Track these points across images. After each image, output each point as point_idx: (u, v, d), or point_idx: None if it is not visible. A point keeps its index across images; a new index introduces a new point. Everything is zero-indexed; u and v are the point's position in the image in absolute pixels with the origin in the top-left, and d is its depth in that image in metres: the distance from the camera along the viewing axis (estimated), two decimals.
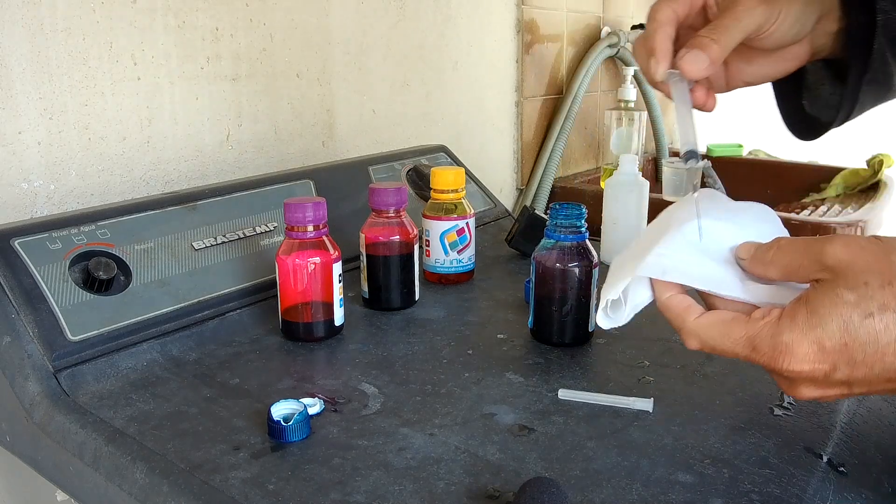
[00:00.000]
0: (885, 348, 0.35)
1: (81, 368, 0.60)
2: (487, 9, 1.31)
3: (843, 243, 0.37)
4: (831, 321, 0.36)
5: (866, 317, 0.35)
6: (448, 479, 0.46)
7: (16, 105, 0.73)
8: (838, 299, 0.36)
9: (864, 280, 0.36)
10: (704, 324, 0.41)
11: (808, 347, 0.37)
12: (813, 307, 0.37)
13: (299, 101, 1.01)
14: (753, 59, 0.53)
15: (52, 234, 0.64)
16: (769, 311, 0.39)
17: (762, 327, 0.39)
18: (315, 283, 0.67)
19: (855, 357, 0.36)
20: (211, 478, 0.47)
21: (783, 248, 0.40)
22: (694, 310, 0.42)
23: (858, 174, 1.60)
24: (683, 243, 0.44)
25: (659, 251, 0.44)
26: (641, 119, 1.44)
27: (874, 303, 0.35)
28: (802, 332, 0.37)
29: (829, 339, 0.36)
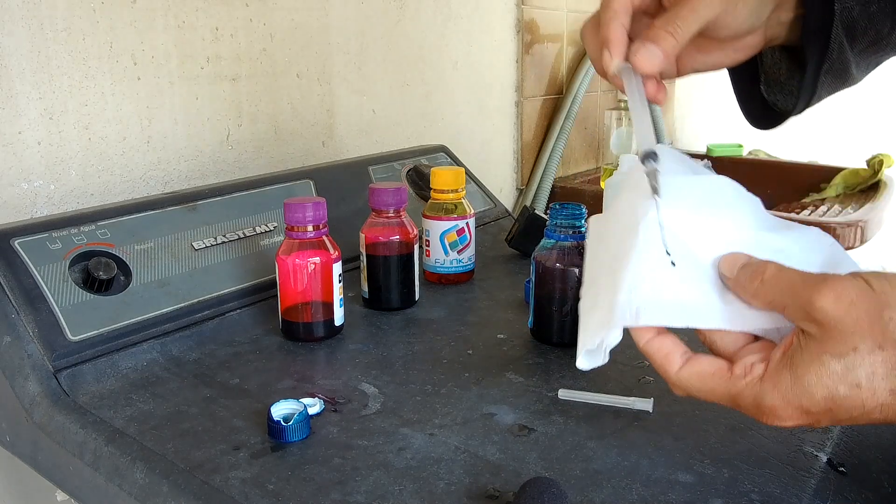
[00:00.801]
0: (872, 411, 0.34)
1: (81, 368, 0.60)
2: (487, 9, 1.31)
3: (835, 297, 0.34)
4: (816, 391, 0.34)
5: (853, 387, 0.34)
6: (448, 479, 0.46)
7: (16, 105, 0.73)
8: (824, 370, 0.34)
9: (854, 345, 0.34)
10: (685, 377, 0.39)
11: (792, 411, 0.36)
12: (797, 374, 0.35)
13: (299, 101, 1.01)
14: (706, 48, 0.50)
15: (52, 234, 0.64)
16: (750, 370, 0.37)
17: (744, 388, 0.37)
18: (315, 283, 0.67)
19: (839, 418, 0.35)
20: (211, 478, 0.47)
21: (768, 283, 0.37)
22: (674, 358, 0.39)
23: (858, 174, 1.60)
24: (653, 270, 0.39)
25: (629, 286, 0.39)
26: None
27: (862, 371, 0.34)
28: (786, 399, 0.35)
29: (813, 406, 0.35)
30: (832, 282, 0.34)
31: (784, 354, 0.36)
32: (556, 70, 1.51)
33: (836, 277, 0.35)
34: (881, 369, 0.33)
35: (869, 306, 0.33)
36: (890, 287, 0.34)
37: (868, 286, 0.34)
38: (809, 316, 0.35)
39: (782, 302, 0.36)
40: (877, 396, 0.34)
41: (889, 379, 0.33)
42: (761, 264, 0.38)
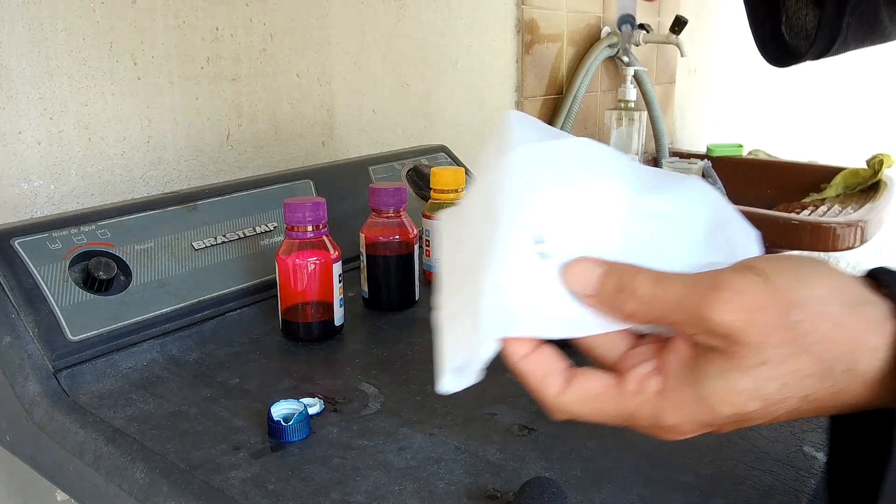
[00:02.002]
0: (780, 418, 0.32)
1: (81, 368, 0.60)
2: (487, 9, 1.31)
3: (733, 306, 0.29)
4: (723, 409, 0.31)
5: (763, 400, 0.30)
6: (448, 479, 0.46)
7: (16, 105, 0.73)
8: (732, 387, 0.30)
9: (763, 359, 0.30)
10: (568, 401, 0.33)
11: (695, 427, 0.32)
12: (701, 394, 0.31)
13: (299, 101, 1.01)
14: None
15: (52, 234, 0.64)
16: (644, 385, 0.32)
17: (639, 406, 0.32)
18: (315, 283, 0.67)
19: (746, 426, 0.32)
20: (211, 478, 0.47)
21: (647, 301, 0.31)
22: (553, 381, 0.34)
23: (858, 174, 1.60)
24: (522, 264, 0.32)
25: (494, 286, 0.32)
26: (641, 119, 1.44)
27: (772, 385, 0.30)
28: (688, 417, 0.32)
29: (719, 420, 0.31)
30: (725, 286, 0.30)
31: (683, 367, 0.32)
32: (556, 70, 1.51)
33: (729, 279, 0.30)
34: (793, 379, 0.30)
35: (774, 309, 0.29)
36: (792, 279, 0.30)
37: (767, 283, 0.30)
38: (706, 328, 0.30)
39: (670, 319, 0.31)
40: (787, 405, 0.31)
41: (800, 388, 0.30)
42: (627, 276, 0.32)
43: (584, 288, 0.32)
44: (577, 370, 0.34)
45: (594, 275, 0.32)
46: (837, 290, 0.31)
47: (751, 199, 1.50)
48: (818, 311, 0.30)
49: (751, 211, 1.27)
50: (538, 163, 0.33)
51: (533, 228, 0.32)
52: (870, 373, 0.30)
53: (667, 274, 0.31)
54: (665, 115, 1.79)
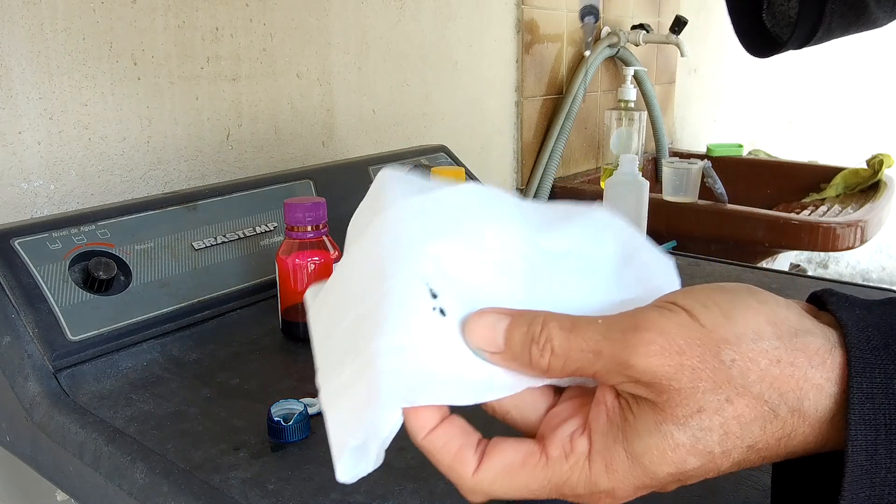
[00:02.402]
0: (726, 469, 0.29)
1: (81, 368, 0.60)
2: (487, 9, 1.31)
3: (658, 349, 0.26)
4: (661, 469, 0.28)
5: (705, 456, 0.27)
6: (448, 479, 0.46)
7: (16, 105, 0.73)
8: (667, 443, 0.27)
9: (697, 406, 0.26)
10: (487, 479, 0.29)
11: (633, 491, 0.29)
12: (634, 451, 0.27)
13: (299, 101, 1.01)
14: None
15: (52, 234, 0.64)
16: (571, 448, 0.29)
17: (569, 472, 0.28)
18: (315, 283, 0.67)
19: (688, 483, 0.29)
20: (211, 478, 0.47)
21: (562, 354, 0.28)
22: (467, 457, 0.30)
23: (858, 174, 1.60)
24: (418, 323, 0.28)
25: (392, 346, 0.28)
26: (641, 119, 1.44)
27: (713, 436, 0.27)
28: (624, 481, 0.28)
29: (659, 481, 0.28)
30: (645, 326, 0.27)
31: (611, 423, 0.28)
32: (556, 70, 1.51)
33: (648, 318, 0.27)
34: (734, 426, 0.27)
35: (703, 350, 0.26)
36: (719, 315, 0.27)
37: (693, 321, 0.27)
38: (632, 378, 0.27)
39: (590, 370, 0.28)
40: (732, 456, 0.28)
41: (744, 436, 0.27)
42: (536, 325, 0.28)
43: (489, 344, 0.28)
44: (494, 441, 0.30)
45: (499, 328, 0.28)
46: (771, 322, 0.27)
47: (751, 199, 1.50)
48: (752, 349, 0.27)
49: (751, 211, 1.27)
50: (421, 215, 0.29)
51: (426, 281, 0.28)
52: (818, 413, 0.27)
53: (581, 319, 0.28)
54: (665, 115, 1.79)
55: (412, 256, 0.29)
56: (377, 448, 0.30)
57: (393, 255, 0.29)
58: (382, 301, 0.28)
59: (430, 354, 0.28)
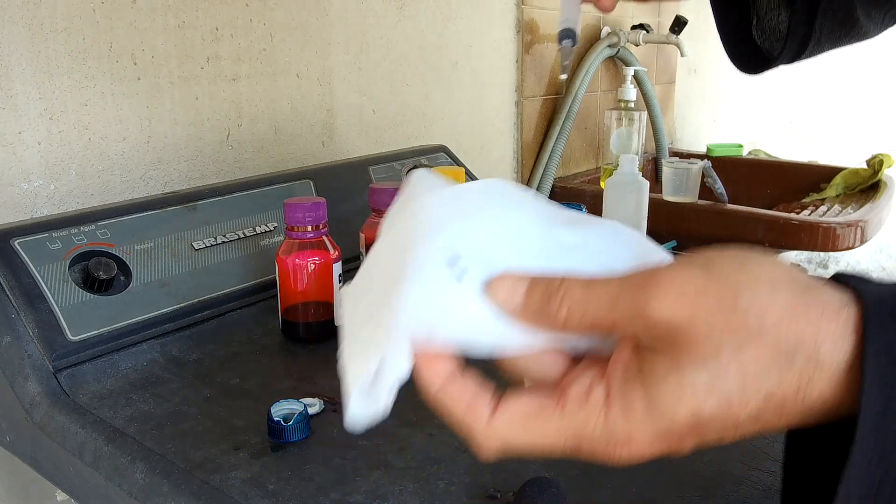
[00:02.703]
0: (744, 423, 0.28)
1: (81, 368, 0.60)
2: (487, 9, 1.31)
3: (674, 296, 0.27)
4: (679, 411, 0.27)
5: (723, 399, 0.27)
6: (448, 479, 0.46)
7: (16, 105, 0.73)
8: (685, 383, 0.27)
9: (715, 348, 0.26)
10: (502, 426, 0.29)
11: (650, 439, 0.28)
12: (651, 395, 0.27)
13: (299, 101, 1.01)
14: None
15: (52, 234, 0.64)
16: (588, 396, 0.29)
17: (586, 419, 0.28)
18: (315, 283, 0.67)
19: (707, 436, 0.28)
20: (211, 478, 0.47)
21: (580, 305, 0.28)
22: (481, 406, 0.30)
23: (858, 174, 1.60)
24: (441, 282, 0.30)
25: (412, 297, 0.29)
26: (641, 119, 1.44)
27: (731, 378, 0.27)
28: (641, 426, 0.28)
29: (676, 427, 0.28)
30: (664, 277, 0.27)
31: (628, 370, 0.29)
32: (557, 70, 1.51)
33: (666, 271, 0.27)
34: (752, 370, 0.27)
35: (719, 296, 0.27)
36: (736, 267, 0.28)
37: (708, 271, 0.27)
38: (648, 327, 0.27)
39: (608, 321, 0.28)
40: (750, 405, 0.27)
41: (762, 380, 0.27)
42: (556, 282, 0.29)
43: (509, 302, 0.29)
44: (509, 392, 0.30)
45: (519, 286, 0.29)
46: (784, 276, 0.28)
47: (751, 199, 1.50)
48: (768, 297, 0.27)
49: (751, 211, 1.27)
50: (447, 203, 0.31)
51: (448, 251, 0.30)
52: (834, 363, 0.27)
53: (597, 278, 0.29)
54: (665, 115, 1.79)
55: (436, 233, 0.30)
56: (386, 393, 0.31)
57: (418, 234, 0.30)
58: (406, 268, 0.30)
59: (449, 308, 0.29)
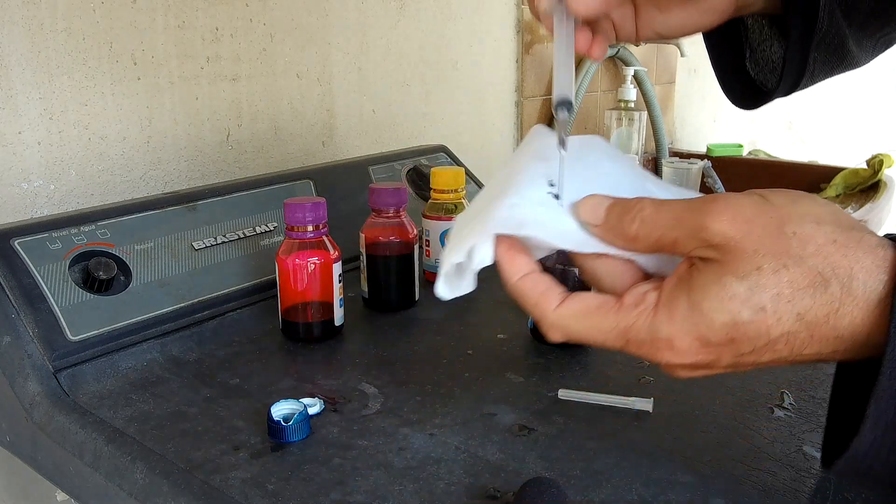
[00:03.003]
0: (777, 341, 0.31)
1: (81, 368, 0.60)
2: (487, 9, 1.31)
3: (730, 216, 0.31)
4: (716, 317, 0.31)
5: (757, 311, 0.30)
6: (448, 479, 0.46)
7: (16, 105, 0.73)
8: (725, 292, 0.30)
9: (757, 265, 0.30)
10: (567, 314, 0.34)
11: (690, 343, 0.32)
12: (695, 300, 0.31)
13: (299, 101, 1.01)
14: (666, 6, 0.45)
15: (52, 234, 0.64)
16: (642, 298, 0.33)
17: (636, 318, 0.33)
18: (315, 283, 0.67)
19: (742, 350, 0.31)
20: (211, 478, 0.47)
21: (650, 221, 0.33)
22: (552, 296, 0.35)
23: (858, 174, 1.60)
24: (538, 196, 0.36)
25: (511, 202, 0.36)
26: (641, 119, 1.44)
27: (766, 293, 0.30)
28: (683, 328, 0.32)
29: (713, 335, 0.31)
30: (724, 201, 0.31)
31: (680, 280, 0.32)
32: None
33: (727, 196, 0.32)
34: (787, 290, 0.30)
35: (768, 221, 0.31)
36: (789, 200, 0.31)
37: (764, 200, 0.32)
38: (704, 241, 0.31)
39: (671, 237, 0.32)
40: (782, 323, 0.30)
41: (795, 301, 0.30)
42: (633, 202, 0.34)
43: (592, 217, 0.34)
44: (576, 292, 0.35)
45: (602, 205, 0.34)
46: (832, 214, 0.31)
47: None
48: (812, 228, 0.30)
49: None
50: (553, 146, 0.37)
51: (547, 177, 0.36)
52: (867, 294, 0.29)
53: (668, 199, 0.33)
54: (665, 115, 1.78)
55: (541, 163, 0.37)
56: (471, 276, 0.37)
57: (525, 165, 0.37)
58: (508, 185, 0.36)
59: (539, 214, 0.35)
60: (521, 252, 0.36)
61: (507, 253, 0.36)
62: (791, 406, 0.55)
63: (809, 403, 0.55)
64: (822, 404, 0.54)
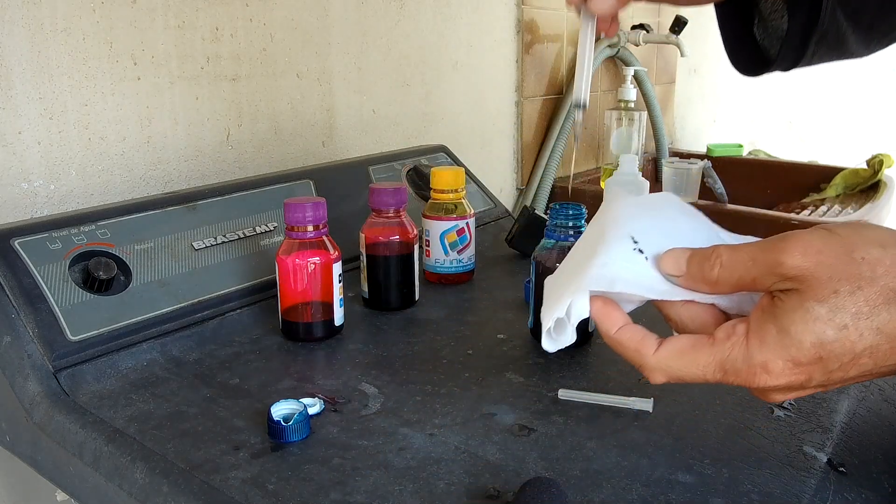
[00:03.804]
0: (861, 354, 0.34)
1: (81, 368, 0.60)
2: (487, 9, 1.31)
3: (801, 250, 0.34)
4: (805, 339, 0.34)
5: (841, 329, 0.34)
6: (448, 479, 0.46)
7: (16, 105, 0.73)
8: (809, 315, 0.34)
9: (833, 289, 0.33)
10: (665, 357, 0.38)
11: (783, 365, 0.35)
12: (782, 325, 0.35)
13: (299, 101, 1.01)
14: None
15: (52, 234, 0.64)
16: (733, 330, 0.37)
17: (730, 349, 0.36)
18: (315, 283, 0.67)
19: (830, 367, 0.34)
20: (211, 478, 0.47)
21: (728, 265, 0.37)
22: (649, 342, 0.39)
23: (858, 174, 1.60)
24: (624, 253, 0.40)
25: (601, 261, 0.40)
26: (641, 119, 1.44)
27: (847, 313, 0.33)
28: (775, 353, 0.35)
29: (803, 356, 0.34)
30: (794, 237, 0.35)
31: (764, 311, 0.36)
32: (556, 70, 1.51)
33: (796, 233, 0.35)
34: (865, 308, 0.33)
35: (838, 251, 0.34)
36: (852, 230, 0.35)
37: (829, 232, 0.35)
38: (782, 276, 0.35)
39: (750, 276, 0.36)
40: (864, 338, 0.33)
41: (873, 317, 0.33)
42: (710, 250, 0.37)
43: (675, 269, 0.38)
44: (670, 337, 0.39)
45: (683, 257, 0.38)
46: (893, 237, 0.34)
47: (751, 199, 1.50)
48: (880, 251, 0.34)
49: (751, 211, 1.27)
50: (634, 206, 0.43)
51: (631, 235, 0.40)
52: None
53: (741, 244, 0.37)
54: (665, 115, 1.78)
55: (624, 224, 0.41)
56: (571, 329, 0.41)
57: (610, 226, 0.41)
58: (598, 246, 0.41)
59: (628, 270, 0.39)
60: (614, 307, 0.40)
61: (603, 309, 0.40)
62: (791, 406, 0.55)
63: (809, 403, 0.55)
64: (823, 404, 0.55)
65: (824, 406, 0.54)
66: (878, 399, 0.56)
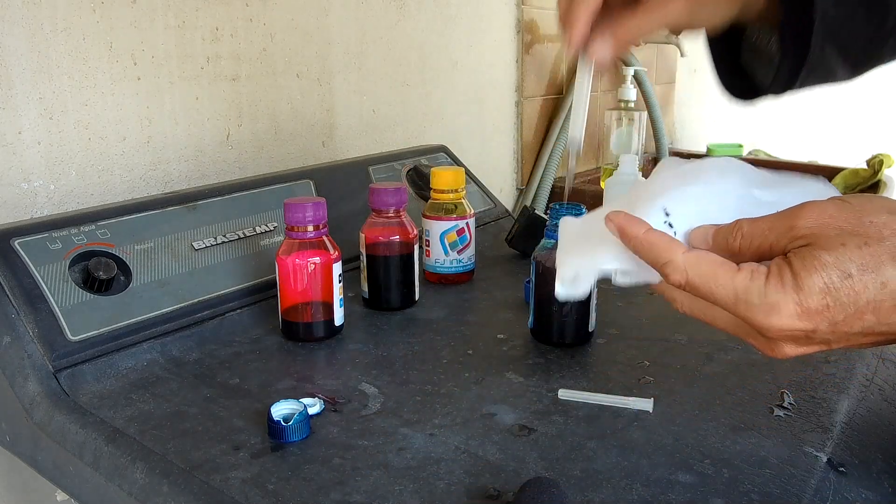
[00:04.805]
0: (864, 308, 0.36)
1: (81, 368, 0.60)
2: (487, 9, 1.31)
3: (816, 215, 0.37)
4: (814, 283, 0.36)
5: (846, 277, 0.36)
6: (448, 479, 0.46)
7: (16, 105, 0.73)
8: (817, 261, 0.36)
9: (841, 242, 0.36)
10: (694, 260, 0.39)
11: (793, 308, 0.36)
12: (795, 270, 0.37)
13: (299, 101, 1.01)
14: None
15: (52, 234, 0.64)
16: (757, 269, 0.38)
17: (751, 282, 0.38)
18: (315, 283, 0.67)
19: (836, 318, 0.36)
20: (211, 478, 0.47)
21: (749, 235, 0.39)
22: (679, 244, 0.40)
23: (858, 174, 1.60)
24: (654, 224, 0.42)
25: None
26: (641, 119, 1.44)
27: (853, 264, 0.36)
28: (787, 294, 0.37)
29: (812, 301, 0.36)
30: (809, 205, 0.38)
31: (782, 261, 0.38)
32: (556, 70, 1.51)
33: (809, 202, 0.38)
34: (871, 262, 0.35)
35: (849, 215, 0.37)
36: (865, 199, 0.37)
37: (843, 201, 0.37)
38: (795, 237, 0.37)
39: (767, 242, 0.38)
40: (868, 290, 0.35)
41: (879, 272, 0.35)
42: (731, 225, 0.40)
43: (702, 244, 0.41)
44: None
45: (709, 233, 0.41)
46: None
47: None
48: (888, 216, 0.36)
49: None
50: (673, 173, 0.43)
51: (665, 208, 0.42)
52: None
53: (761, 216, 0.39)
54: (665, 115, 1.78)
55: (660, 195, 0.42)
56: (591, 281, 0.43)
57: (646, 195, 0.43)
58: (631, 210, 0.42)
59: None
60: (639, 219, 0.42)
61: (628, 218, 0.41)
62: (791, 406, 0.55)
63: (809, 403, 0.55)
64: (822, 404, 0.55)
65: (824, 406, 0.54)
66: (878, 399, 0.56)
